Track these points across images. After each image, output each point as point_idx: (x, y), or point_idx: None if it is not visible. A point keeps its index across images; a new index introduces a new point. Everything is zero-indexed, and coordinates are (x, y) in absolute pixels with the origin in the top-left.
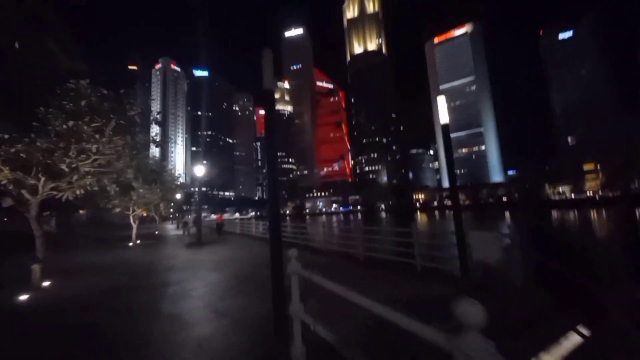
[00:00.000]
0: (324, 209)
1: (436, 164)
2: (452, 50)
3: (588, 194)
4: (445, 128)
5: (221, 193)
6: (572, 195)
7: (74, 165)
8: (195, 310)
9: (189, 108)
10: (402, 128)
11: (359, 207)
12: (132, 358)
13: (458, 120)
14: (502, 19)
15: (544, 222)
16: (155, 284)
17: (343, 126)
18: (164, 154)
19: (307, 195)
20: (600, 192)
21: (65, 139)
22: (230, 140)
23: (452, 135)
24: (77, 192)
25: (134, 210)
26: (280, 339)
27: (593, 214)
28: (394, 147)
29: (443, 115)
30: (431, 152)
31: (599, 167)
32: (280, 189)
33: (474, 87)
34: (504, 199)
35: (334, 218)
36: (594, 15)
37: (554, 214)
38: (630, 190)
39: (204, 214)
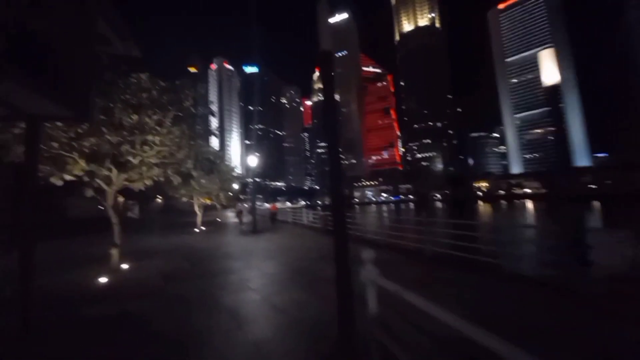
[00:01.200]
0: (373, 199)
1: (502, 148)
2: (523, 16)
3: None
4: (553, 90)
5: (273, 183)
6: None
7: (140, 158)
8: (252, 304)
9: (241, 104)
10: (459, 110)
11: (410, 197)
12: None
13: (530, 97)
14: None
15: None
16: (213, 271)
17: (392, 112)
18: (222, 147)
19: (356, 184)
20: None
21: (130, 131)
22: (280, 132)
23: (522, 114)
24: (147, 182)
25: (198, 199)
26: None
27: None
28: (450, 132)
29: (549, 74)
30: (496, 135)
31: None
32: (328, 179)
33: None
34: (591, 186)
35: (384, 208)
36: None
37: None
38: None
39: (257, 203)
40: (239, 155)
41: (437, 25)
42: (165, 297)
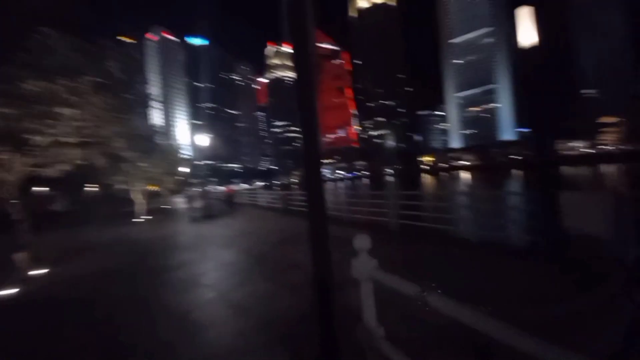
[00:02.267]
0: (329, 176)
1: (445, 125)
2: None
3: (607, 147)
4: (529, 53)
5: (227, 165)
6: (589, 150)
7: (51, 137)
8: (207, 305)
9: (187, 80)
10: (410, 89)
11: (365, 173)
12: None
13: (471, 76)
14: None
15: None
16: (159, 267)
17: (347, 90)
18: (167, 128)
19: None
20: (620, 146)
21: (34, 102)
22: (233, 112)
23: (463, 93)
24: (63, 167)
25: (137, 185)
26: None
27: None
28: (401, 110)
29: (526, 34)
30: (440, 113)
31: (620, 120)
32: (285, 159)
33: (490, 39)
34: (516, 157)
35: (341, 185)
36: None
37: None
38: None
39: (212, 187)
40: (187, 136)
41: (392, 2)
42: (89, 306)
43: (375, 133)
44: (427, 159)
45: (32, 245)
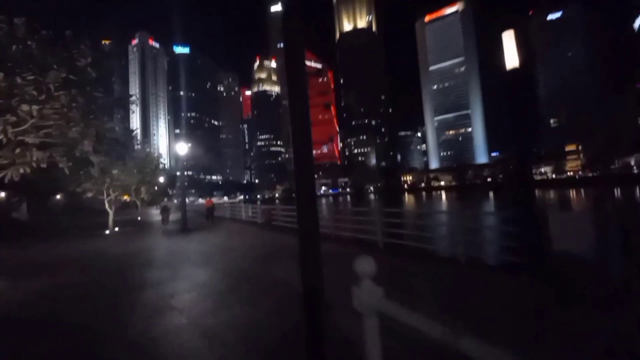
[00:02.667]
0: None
1: (424, 146)
2: (443, 29)
3: (569, 174)
4: (515, 74)
5: (208, 177)
6: (553, 176)
7: (6, 135)
8: (175, 334)
9: (170, 88)
10: (391, 110)
11: (347, 190)
12: None
13: (446, 102)
14: None
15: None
16: (126, 287)
17: (332, 108)
18: (147, 136)
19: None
20: (580, 172)
21: None
22: (216, 122)
23: (440, 117)
24: (22, 170)
25: (108, 195)
26: None
27: (574, 193)
28: (383, 129)
29: (511, 57)
30: (419, 134)
31: (580, 148)
32: (268, 172)
33: (463, 69)
34: (489, 179)
35: (323, 200)
36: None
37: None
38: (611, 170)
39: (190, 199)
40: (166, 146)
41: (374, 29)
42: (38, 331)
43: (357, 150)
44: (407, 177)
45: None
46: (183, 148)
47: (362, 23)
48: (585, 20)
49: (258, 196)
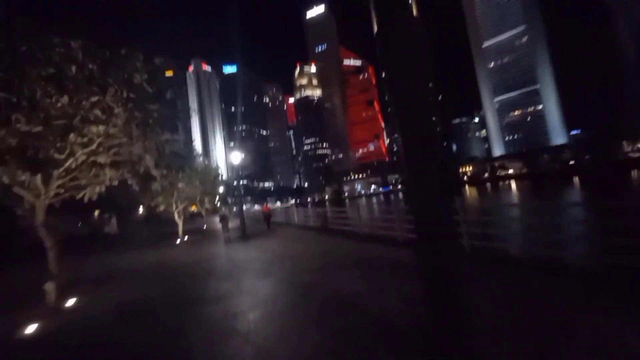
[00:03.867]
0: (362, 191)
1: (483, 132)
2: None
3: None
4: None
5: (260, 184)
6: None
7: (78, 156)
8: None
9: (222, 105)
10: (441, 97)
11: (399, 187)
12: None
13: (507, 79)
14: None
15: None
16: (189, 301)
17: (375, 104)
18: (206, 152)
19: (345, 179)
20: None
21: (57, 118)
22: (264, 132)
23: (501, 97)
24: (97, 189)
25: (176, 206)
26: None
27: None
28: (433, 119)
29: None
30: (476, 119)
31: None
32: (316, 176)
33: (525, 39)
34: (571, 162)
35: (374, 200)
36: None
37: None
38: None
39: (247, 205)
40: (224, 159)
41: (415, 12)
42: (110, 350)
43: None
44: (467, 168)
45: (62, 274)
46: (237, 157)
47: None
48: None
49: (309, 199)
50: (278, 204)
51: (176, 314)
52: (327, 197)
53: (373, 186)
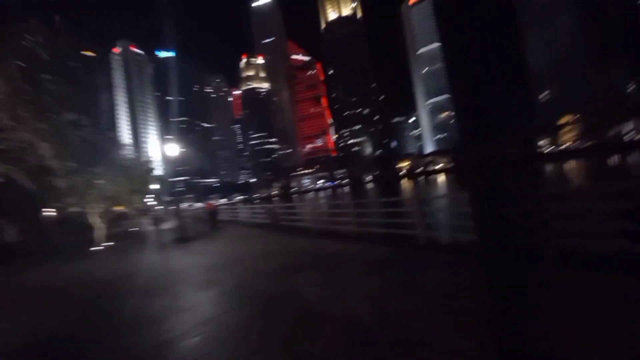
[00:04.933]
0: (310, 186)
1: (417, 131)
2: (428, 11)
3: (565, 146)
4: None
5: (203, 180)
6: (551, 148)
7: None
8: None
9: (157, 94)
10: (382, 97)
11: (345, 181)
12: None
13: (437, 84)
14: None
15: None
16: (108, 330)
17: (323, 100)
18: (137, 145)
19: (293, 174)
20: (578, 143)
21: None
22: (207, 125)
23: (432, 100)
24: None
25: (92, 207)
26: None
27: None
28: (375, 118)
29: None
30: (412, 119)
31: (574, 119)
32: (264, 171)
33: None
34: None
35: (322, 194)
36: None
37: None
38: (606, 139)
39: (187, 203)
40: (159, 152)
41: (359, 16)
42: None
43: (352, 141)
44: (404, 164)
45: None
46: (173, 150)
47: (346, 10)
48: None
49: (257, 195)
50: (223, 200)
51: (91, 350)
52: (275, 192)
53: (320, 181)
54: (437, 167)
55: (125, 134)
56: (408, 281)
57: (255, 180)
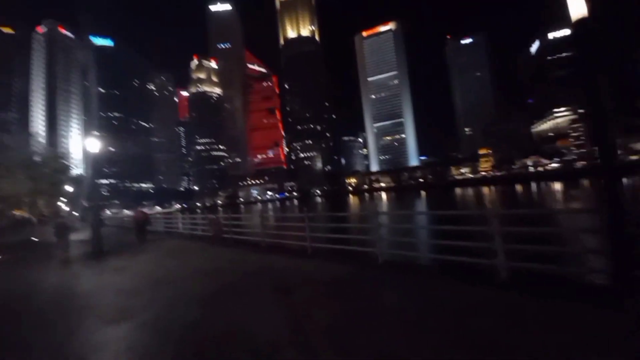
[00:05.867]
0: (258, 197)
1: (365, 150)
2: (379, 45)
3: (483, 174)
4: (581, 24)
5: (136, 185)
6: (470, 175)
7: None
8: None
9: (86, 83)
10: (335, 116)
11: (294, 194)
12: None
13: (383, 110)
14: (419, 22)
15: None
16: None
17: (277, 112)
18: (54, 140)
19: (241, 183)
20: (492, 172)
21: None
22: (146, 124)
23: (379, 124)
24: None
25: None
26: None
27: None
28: (327, 134)
29: (577, 6)
30: (361, 139)
31: (490, 152)
32: (209, 178)
33: (396, 82)
34: (420, 180)
35: (270, 206)
36: (487, 29)
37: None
38: (512, 169)
39: (113, 210)
40: (82, 151)
41: (317, 38)
42: None
43: (303, 155)
44: (351, 180)
45: None
46: (94, 146)
47: (305, 32)
48: (489, 45)
49: (198, 204)
50: (158, 208)
51: None
52: (219, 202)
53: (269, 192)
54: (381, 184)
55: (39, 126)
56: (379, 307)
57: (198, 188)
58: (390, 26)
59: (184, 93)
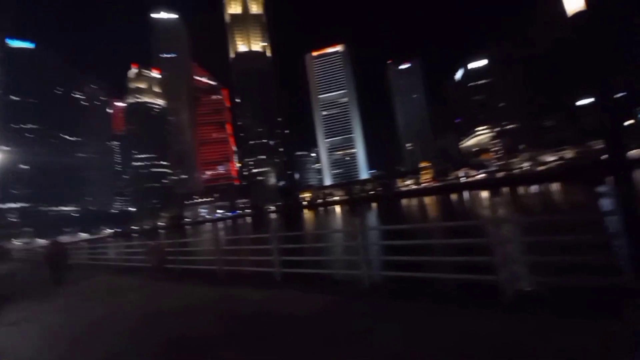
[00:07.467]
0: (208, 216)
1: (318, 165)
2: (328, 64)
3: (424, 185)
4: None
5: (55, 209)
6: (414, 186)
7: None
8: None
9: None
10: (288, 131)
11: (247, 211)
12: None
13: (334, 126)
14: (364, 46)
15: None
16: None
17: (227, 126)
18: None
19: (187, 202)
20: (432, 183)
21: None
22: (71, 138)
23: (330, 139)
24: None
25: None
26: None
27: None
28: (281, 150)
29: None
30: (314, 154)
31: (430, 165)
32: (150, 198)
33: (346, 99)
34: (371, 192)
35: (221, 225)
36: (422, 56)
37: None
38: (447, 180)
39: (24, 240)
40: None
41: (268, 54)
42: None
43: (256, 170)
44: (305, 194)
45: None
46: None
47: (257, 46)
48: (424, 70)
49: (135, 228)
50: (83, 235)
51: None
52: (161, 224)
53: (220, 211)
54: (335, 198)
55: None
56: (387, 357)
57: (135, 209)
58: (338, 48)
59: (120, 104)
